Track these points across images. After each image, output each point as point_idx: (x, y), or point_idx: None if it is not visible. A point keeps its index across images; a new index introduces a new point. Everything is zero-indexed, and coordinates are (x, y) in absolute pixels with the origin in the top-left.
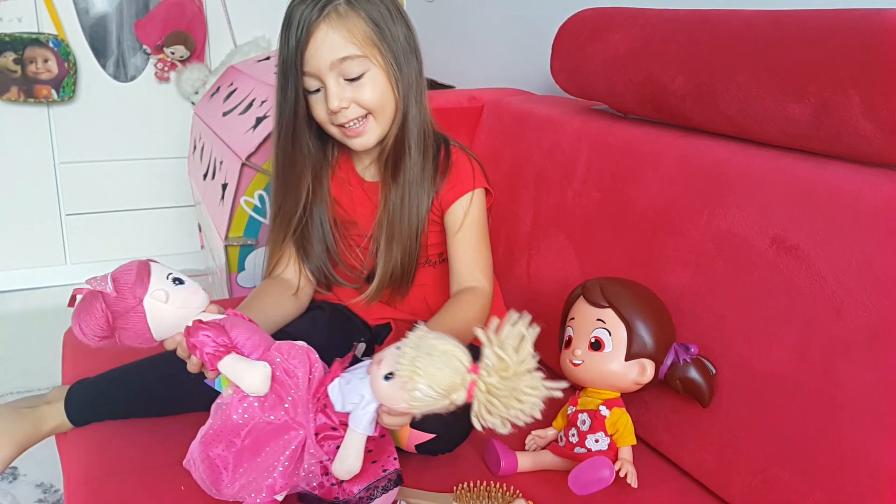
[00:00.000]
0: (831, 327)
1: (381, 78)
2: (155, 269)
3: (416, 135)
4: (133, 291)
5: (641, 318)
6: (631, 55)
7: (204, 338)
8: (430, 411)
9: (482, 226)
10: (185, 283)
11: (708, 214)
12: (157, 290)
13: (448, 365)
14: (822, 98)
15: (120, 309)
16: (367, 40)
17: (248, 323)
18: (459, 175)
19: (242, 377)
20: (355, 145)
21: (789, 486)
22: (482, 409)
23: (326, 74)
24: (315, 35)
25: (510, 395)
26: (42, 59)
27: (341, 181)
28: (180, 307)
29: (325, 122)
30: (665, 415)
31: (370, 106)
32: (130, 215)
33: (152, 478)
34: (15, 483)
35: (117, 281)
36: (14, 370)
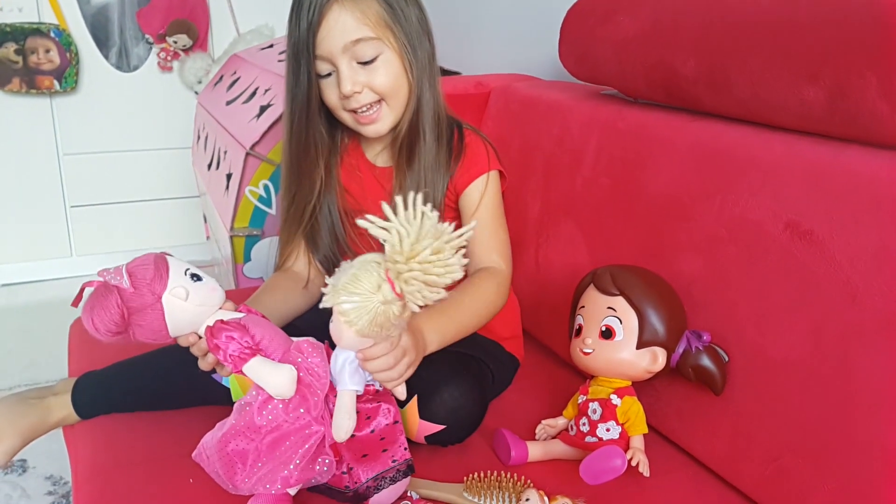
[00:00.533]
0: (846, 313)
1: (395, 61)
2: (173, 264)
3: (431, 119)
4: (152, 288)
5: (653, 306)
6: (641, 38)
7: (228, 339)
8: (374, 322)
9: (498, 207)
10: (203, 279)
11: (720, 200)
12: (176, 286)
13: (361, 269)
14: (837, 80)
15: (137, 305)
16: (380, 22)
17: (267, 322)
18: (474, 157)
19: (268, 380)
20: (368, 132)
21: (803, 474)
22: (412, 291)
23: (339, 58)
24: (327, 17)
25: (425, 269)
26: (44, 50)
27: (351, 168)
28: (199, 304)
29: (337, 108)
30: (677, 403)
31: (383, 90)
32: (135, 206)
33: (160, 470)
34: (24, 475)
35: (134, 276)
36: (21, 363)
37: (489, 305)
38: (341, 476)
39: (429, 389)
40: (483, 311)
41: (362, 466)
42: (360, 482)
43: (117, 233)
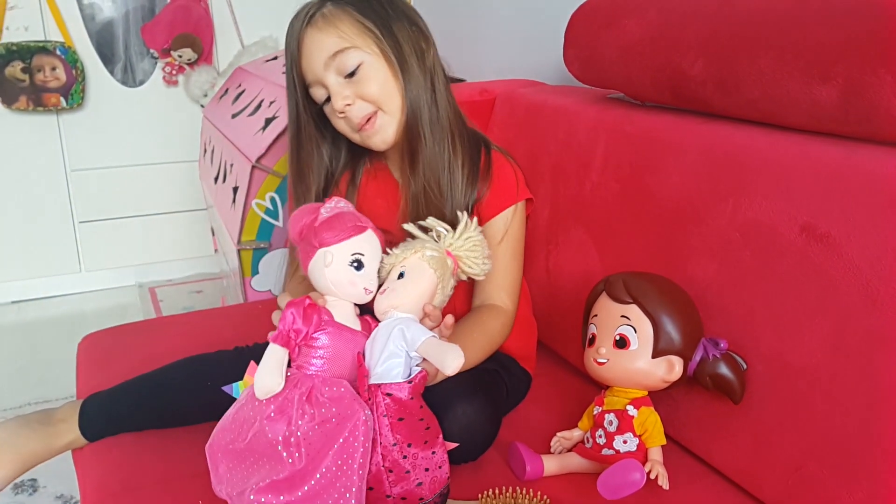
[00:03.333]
0: (866, 318)
1: (381, 67)
2: (357, 239)
3: (430, 121)
4: (321, 237)
5: (667, 314)
6: (647, 41)
7: (288, 314)
8: (445, 278)
9: (519, 241)
10: (362, 270)
11: (733, 203)
12: (329, 252)
13: (420, 240)
14: (851, 79)
15: (310, 235)
16: (356, 32)
17: (355, 344)
18: (503, 185)
19: (260, 371)
20: (376, 143)
21: (827, 483)
22: (468, 256)
23: (324, 75)
24: (305, 42)
25: (468, 238)
26: (50, 67)
27: (377, 189)
28: (331, 282)
29: (347, 131)
30: (695, 412)
31: (374, 98)
32: (143, 221)
33: (170, 492)
34: (35, 495)
35: (329, 220)
36: (31, 380)
37: (494, 344)
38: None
39: (442, 407)
40: (488, 349)
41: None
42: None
43: (126, 247)
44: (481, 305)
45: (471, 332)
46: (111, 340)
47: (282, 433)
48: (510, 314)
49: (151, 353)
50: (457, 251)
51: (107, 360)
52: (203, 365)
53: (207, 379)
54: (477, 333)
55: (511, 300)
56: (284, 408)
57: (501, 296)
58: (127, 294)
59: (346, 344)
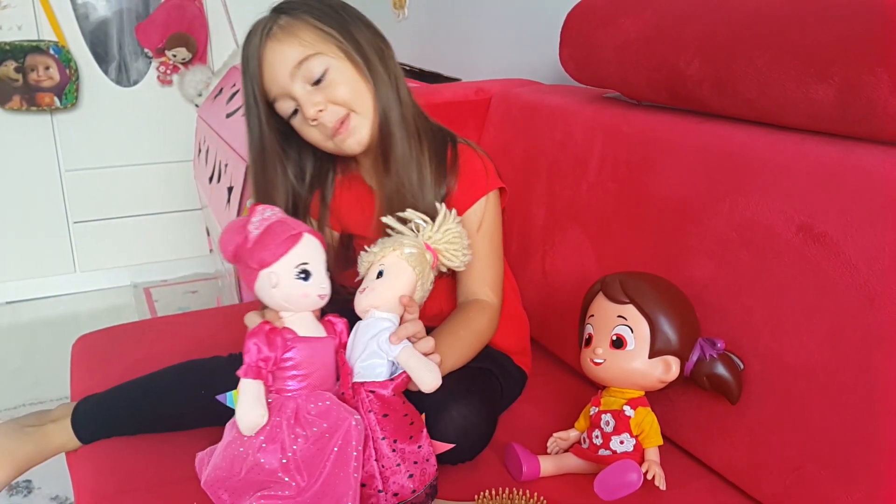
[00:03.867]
0: (864, 318)
1: (348, 69)
2: (295, 251)
3: (398, 120)
4: (259, 257)
5: (664, 314)
6: (644, 40)
7: (252, 346)
8: (425, 269)
9: (496, 233)
10: (310, 279)
11: (730, 203)
12: (273, 272)
13: (396, 237)
14: (848, 78)
15: (246, 256)
16: (317, 38)
17: (326, 351)
18: (471, 177)
19: (240, 409)
20: (351, 146)
21: (825, 484)
22: (447, 249)
23: (291, 87)
24: (266, 56)
25: (446, 230)
26: (43, 67)
27: (352, 198)
28: (284, 300)
29: (320, 140)
30: (692, 413)
31: (345, 100)
32: (138, 221)
33: (164, 495)
34: (30, 496)
35: (261, 238)
36: (27, 381)
37: (482, 340)
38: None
39: (437, 407)
40: (477, 346)
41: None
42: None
43: (121, 247)
44: (465, 301)
45: (456, 331)
46: (105, 341)
47: (278, 461)
48: (495, 308)
49: (146, 354)
50: (436, 244)
51: (101, 361)
52: (197, 372)
53: (201, 387)
54: (463, 332)
55: (495, 293)
56: (274, 435)
57: (485, 290)
58: (122, 294)
59: (317, 354)
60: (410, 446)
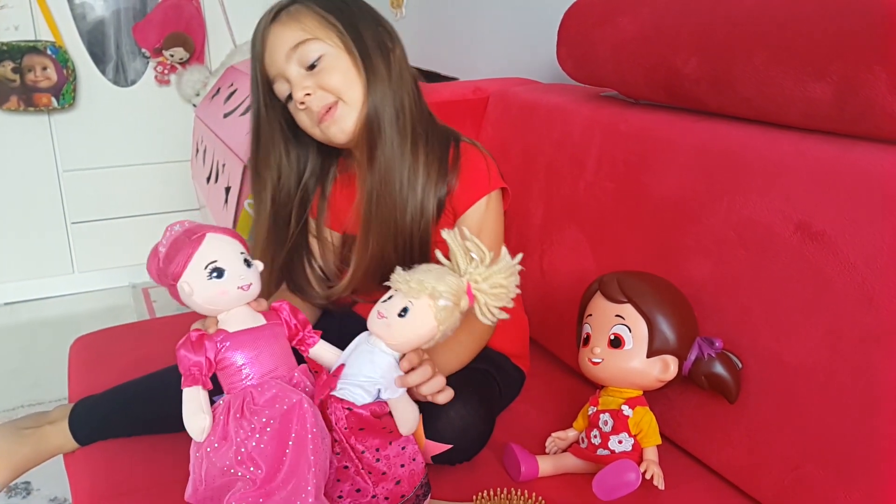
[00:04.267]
0: (863, 316)
1: (343, 59)
2: (199, 254)
3: (392, 118)
4: (170, 270)
5: (662, 313)
6: (641, 39)
7: (182, 355)
8: (447, 327)
9: (498, 234)
10: (224, 276)
11: (728, 202)
12: (185, 281)
13: (443, 275)
14: (846, 76)
15: (163, 278)
16: (319, 25)
17: (265, 338)
18: (473, 176)
19: (185, 418)
20: (335, 134)
21: (824, 484)
22: (487, 302)
23: (286, 68)
24: (269, 38)
25: (496, 284)
26: (41, 67)
27: (350, 195)
28: (206, 302)
29: (308, 126)
30: (690, 412)
31: (335, 87)
32: (136, 221)
33: (161, 497)
34: (28, 498)
35: (168, 252)
36: (25, 382)
37: (482, 342)
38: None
39: (435, 408)
40: (475, 349)
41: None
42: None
43: (119, 248)
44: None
45: (457, 334)
46: (103, 342)
47: (231, 458)
48: None
49: (144, 355)
50: (479, 291)
51: (99, 362)
52: None
53: None
54: (463, 335)
55: None
56: (224, 433)
57: None
58: (120, 295)
59: (254, 343)
60: (393, 449)
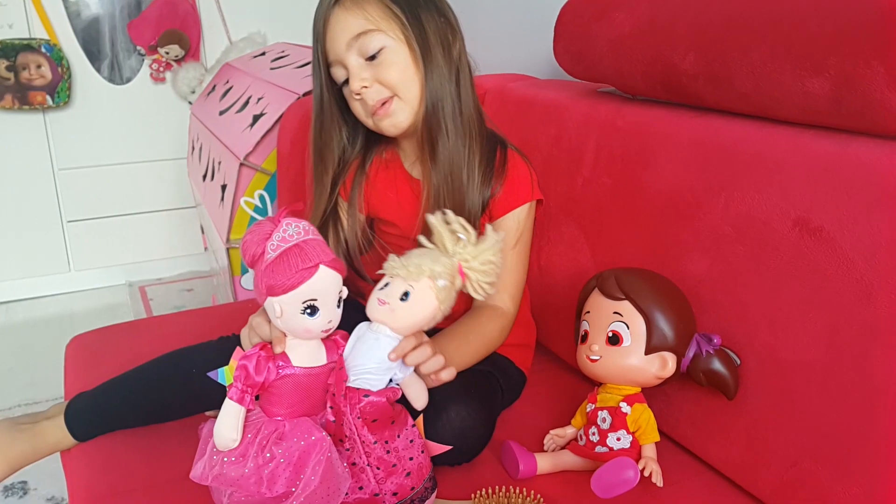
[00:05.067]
0: (862, 312)
1: (403, 54)
2: (305, 287)
3: (452, 114)
4: (268, 284)
5: (660, 310)
6: (638, 34)
7: (240, 370)
8: (447, 306)
9: (528, 244)
10: (316, 316)
11: (726, 198)
12: (278, 303)
13: (437, 257)
14: (843, 71)
15: (257, 273)
16: (382, 15)
17: (318, 382)
18: (517, 183)
19: (218, 425)
20: (387, 127)
21: (823, 480)
22: (477, 279)
23: (345, 56)
24: (330, 21)
25: (486, 261)
26: (35, 65)
27: (388, 180)
28: (286, 329)
29: (361, 115)
30: (689, 409)
31: (392, 83)
32: (132, 219)
33: (160, 495)
34: (25, 497)
35: (273, 263)
36: (21, 381)
37: (490, 347)
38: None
39: (435, 409)
40: (485, 352)
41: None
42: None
43: (115, 246)
44: (482, 306)
45: (466, 334)
46: (100, 341)
47: (241, 473)
48: (510, 317)
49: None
50: (470, 270)
51: (95, 361)
52: (186, 356)
53: (192, 367)
54: (472, 336)
55: (513, 303)
56: (245, 453)
57: (504, 297)
58: (117, 293)
59: (309, 389)
60: (402, 442)
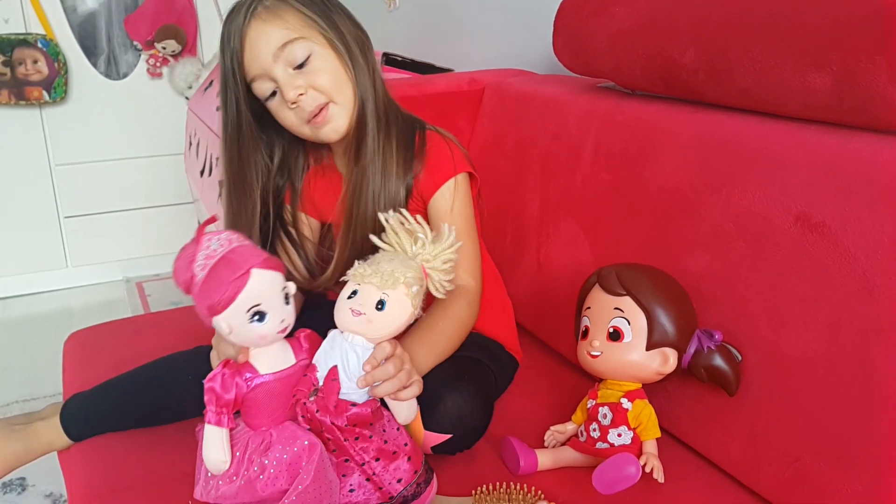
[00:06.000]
0: (863, 308)
1: (331, 58)
2: (243, 296)
3: (373, 111)
4: (207, 305)
5: (661, 305)
6: (638, 28)
7: (211, 390)
8: (418, 309)
9: (468, 216)
10: (265, 320)
11: (726, 193)
12: (223, 320)
13: (405, 261)
14: (845, 65)
15: (195, 298)
16: (302, 23)
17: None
18: (437, 161)
19: (205, 450)
20: (327, 134)
21: (824, 476)
22: (439, 278)
23: (272, 68)
24: (248, 35)
25: (447, 259)
26: (31, 60)
27: (327, 184)
28: (242, 343)
29: (296, 125)
30: (690, 404)
31: (326, 88)
32: (129, 215)
33: (157, 493)
34: (24, 494)
35: (205, 282)
36: (19, 377)
37: (464, 327)
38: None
39: (430, 398)
40: (459, 334)
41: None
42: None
43: (112, 242)
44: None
45: (435, 322)
46: (98, 338)
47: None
48: (474, 291)
49: (139, 351)
50: (431, 269)
51: (93, 358)
52: (181, 361)
53: (188, 373)
54: (442, 322)
55: (472, 276)
56: (237, 472)
57: (460, 273)
58: (114, 289)
59: (278, 389)
60: (392, 432)
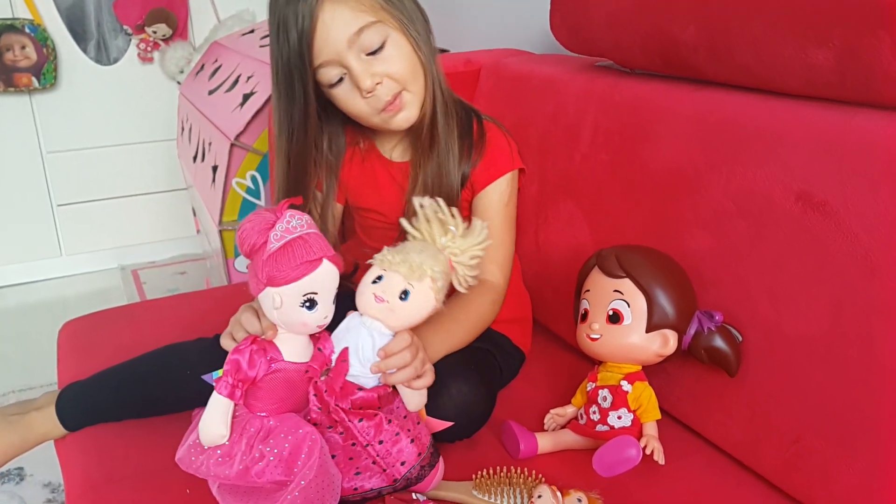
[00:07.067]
0: (865, 287)
1: (404, 43)
2: (307, 280)
3: (441, 99)
4: (269, 274)
5: (661, 287)
6: (637, 6)
7: (232, 362)
8: (441, 302)
9: (512, 213)
10: (314, 310)
11: (727, 172)
12: (278, 294)
13: (435, 254)
14: (848, 41)
15: (256, 263)
16: (376, 6)
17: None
18: (496, 154)
19: (204, 421)
20: (398, 122)
21: (825, 455)
22: (464, 273)
23: (346, 55)
24: (321, 18)
25: (474, 255)
26: (19, 46)
27: (366, 169)
28: (281, 322)
29: (366, 114)
30: (690, 386)
31: (402, 76)
32: (123, 202)
33: (154, 482)
34: (22, 484)
35: (276, 254)
36: (15, 367)
37: (483, 322)
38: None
39: (436, 385)
40: (477, 328)
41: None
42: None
43: (106, 229)
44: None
45: (457, 314)
46: (93, 326)
47: (228, 469)
48: (500, 290)
49: (134, 339)
50: (458, 263)
51: (89, 346)
52: (180, 354)
53: (186, 368)
54: (463, 315)
55: (503, 274)
56: (231, 451)
57: (492, 269)
58: (109, 277)
59: (295, 383)
60: (397, 412)
